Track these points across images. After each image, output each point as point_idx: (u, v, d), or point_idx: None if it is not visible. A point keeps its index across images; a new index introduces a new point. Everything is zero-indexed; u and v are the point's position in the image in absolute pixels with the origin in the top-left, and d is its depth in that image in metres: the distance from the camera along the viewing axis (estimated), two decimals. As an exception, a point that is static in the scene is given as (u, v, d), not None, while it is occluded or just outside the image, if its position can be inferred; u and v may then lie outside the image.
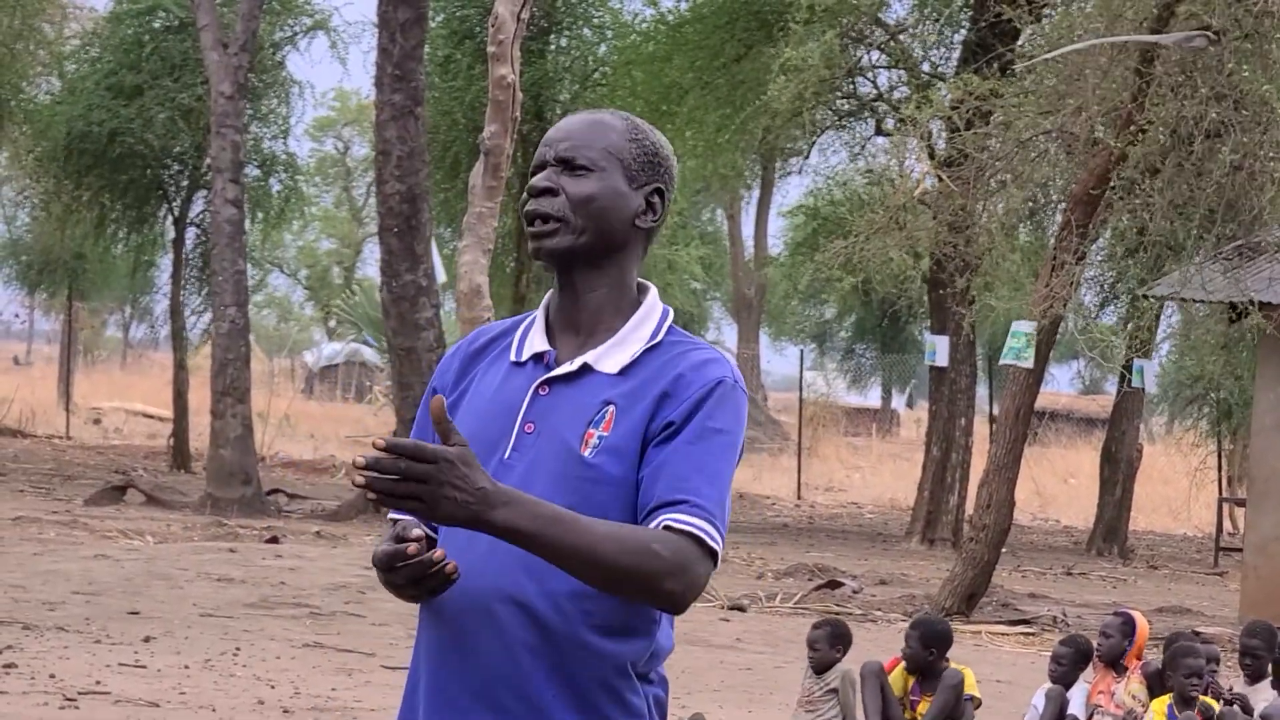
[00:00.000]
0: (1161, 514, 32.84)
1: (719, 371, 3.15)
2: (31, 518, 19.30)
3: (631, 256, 3.26)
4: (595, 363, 3.18)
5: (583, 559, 2.97)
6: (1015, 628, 15.89)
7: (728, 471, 3.12)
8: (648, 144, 3.29)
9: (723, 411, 3.12)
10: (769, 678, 12.25)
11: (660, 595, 3.04)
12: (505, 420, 3.19)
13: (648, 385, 3.14)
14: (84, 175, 28.57)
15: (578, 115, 3.31)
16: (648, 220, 3.26)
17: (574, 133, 3.26)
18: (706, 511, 3.05)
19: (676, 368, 3.15)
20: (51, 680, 10.23)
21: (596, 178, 3.23)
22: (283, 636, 12.37)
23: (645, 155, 3.28)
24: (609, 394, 3.15)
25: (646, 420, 3.12)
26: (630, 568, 2.99)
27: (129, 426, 38.64)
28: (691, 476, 3.07)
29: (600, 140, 3.25)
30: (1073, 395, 54.63)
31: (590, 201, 3.22)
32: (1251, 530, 17.14)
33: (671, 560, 3.00)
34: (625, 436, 3.12)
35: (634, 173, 3.26)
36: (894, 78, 25.90)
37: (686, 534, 3.03)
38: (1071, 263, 15.83)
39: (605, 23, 28.43)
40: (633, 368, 3.17)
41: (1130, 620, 9.60)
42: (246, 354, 23.16)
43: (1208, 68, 15.24)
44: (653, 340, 3.20)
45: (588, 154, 3.24)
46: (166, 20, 28.45)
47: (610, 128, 3.27)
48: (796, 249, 35.28)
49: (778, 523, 27.97)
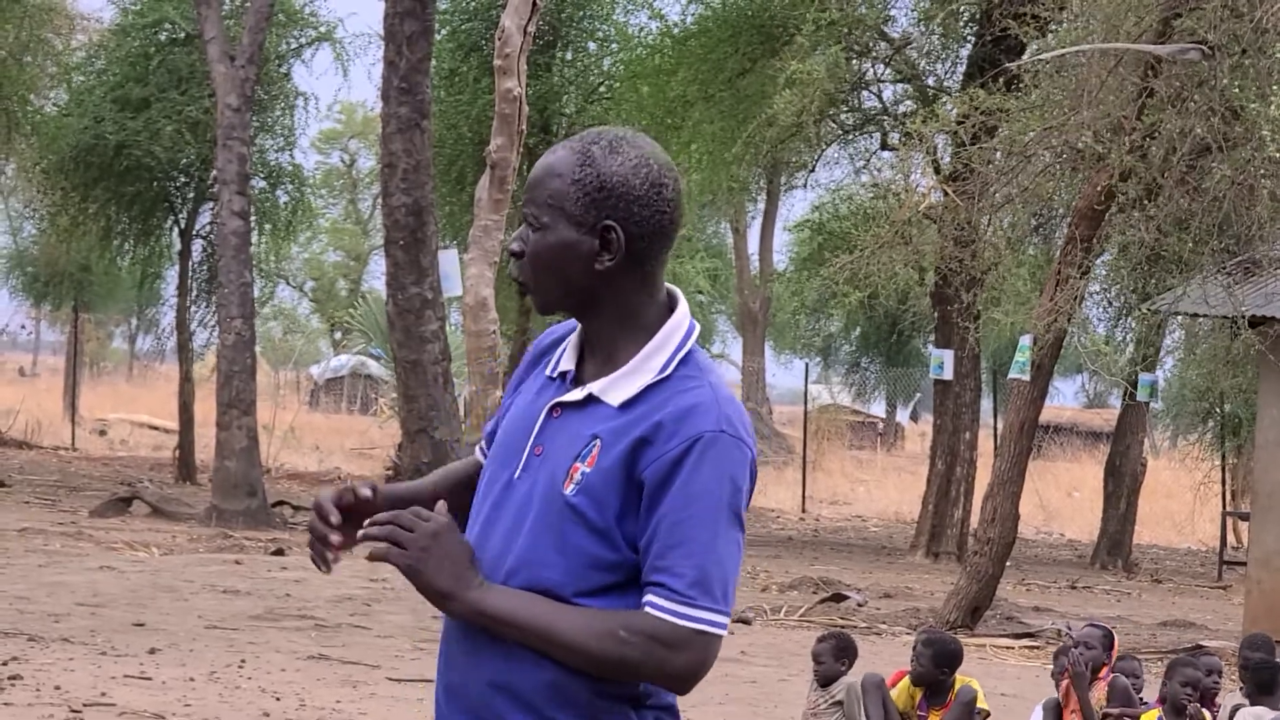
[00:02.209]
0: (1165, 528, 32.82)
1: (701, 424, 3.00)
2: (37, 529, 19.32)
3: (619, 292, 3.11)
4: (601, 393, 3.09)
5: (553, 644, 2.99)
6: (1020, 641, 15.90)
7: (714, 534, 2.98)
8: (592, 180, 3.08)
9: (701, 472, 2.98)
10: (774, 691, 12.26)
11: (643, 677, 3.02)
12: (522, 438, 3.15)
13: (633, 425, 3.02)
14: (90, 187, 28.61)
15: (547, 155, 3.16)
16: (604, 261, 3.08)
17: (531, 183, 3.13)
18: (678, 594, 2.96)
19: (661, 411, 3.02)
20: (57, 692, 10.24)
21: (542, 234, 3.10)
22: (288, 649, 12.38)
23: (588, 193, 3.08)
24: (600, 427, 3.05)
25: (625, 464, 3.01)
26: (600, 654, 2.98)
27: (134, 438, 38.67)
28: (668, 553, 2.97)
29: (544, 190, 3.10)
30: (1077, 409, 54.67)
31: (538, 260, 3.11)
32: (1255, 544, 17.14)
33: (639, 646, 2.97)
34: (603, 476, 3.02)
35: (578, 216, 3.08)
36: (899, 92, 25.94)
37: (656, 619, 2.97)
38: (1075, 277, 15.85)
39: (610, 36, 28.48)
40: (634, 403, 3.06)
41: (1109, 632, 9.58)
42: (252, 366, 23.19)
43: (1202, 83, 15.27)
44: (661, 374, 3.07)
45: (535, 210, 3.11)
46: (173, 33, 28.49)
47: (556, 173, 3.10)
48: (802, 263, 35.31)
49: (782, 536, 27.97)
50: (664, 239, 3.13)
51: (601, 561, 3.02)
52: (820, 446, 39.27)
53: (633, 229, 3.09)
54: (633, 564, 3.02)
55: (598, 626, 2.98)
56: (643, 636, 2.97)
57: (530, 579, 3.05)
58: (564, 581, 3.03)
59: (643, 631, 2.97)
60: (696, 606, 2.96)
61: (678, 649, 2.97)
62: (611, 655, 2.98)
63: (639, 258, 3.11)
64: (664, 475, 2.99)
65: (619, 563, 3.03)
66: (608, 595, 3.03)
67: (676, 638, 2.97)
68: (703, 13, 25.32)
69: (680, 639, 2.97)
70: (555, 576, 3.03)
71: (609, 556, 3.02)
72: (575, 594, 3.03)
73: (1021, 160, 17.07)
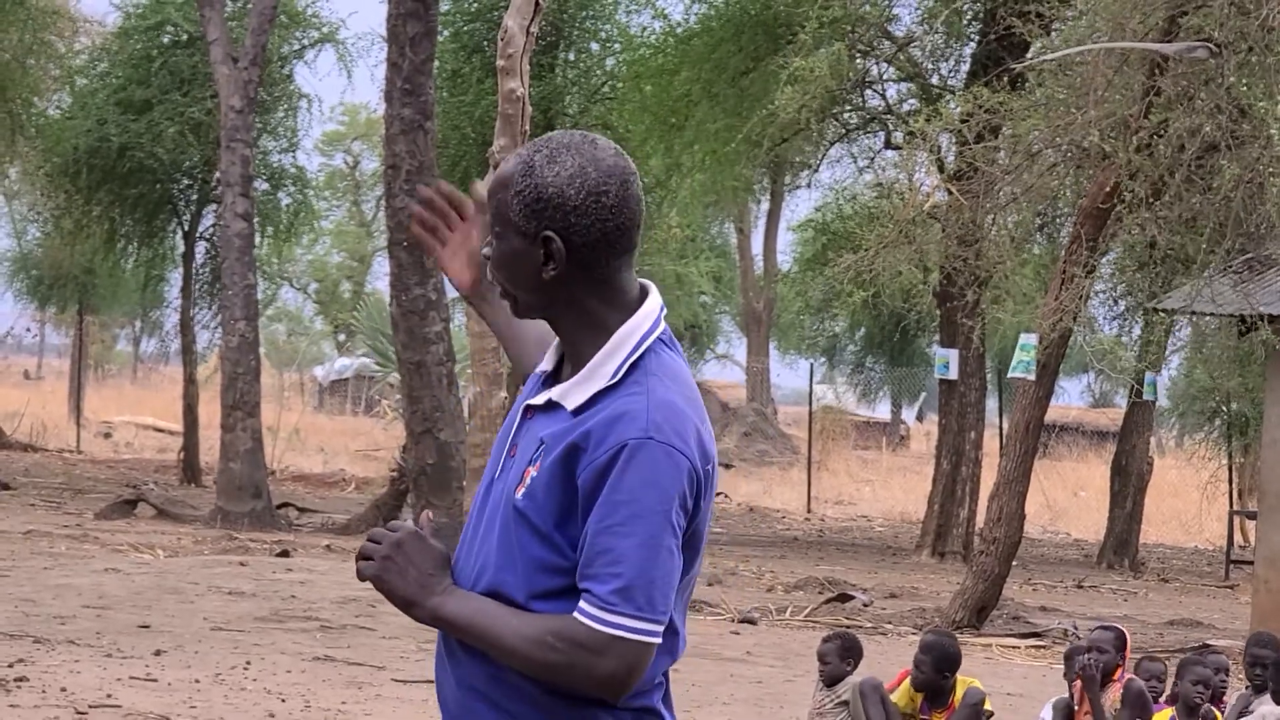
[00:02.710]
0: (1172, 527, 32.79)
1: (626, 431, 2.99)
2: (42, 532, 19.32)
3: (573, 298, 3.11)
4: (560, 399, 3.10)
5: (497, 650, 3.04)
6: (1026, 640, 15.87)
7: (639, 541, 2.96)
8: (529, 190, 3.07)
9: (627, 479, 2.97)
10: (779, 691, 12.24)
11: (574, 684, 3.03)
12: (505, 437, 3.21)
13: (571, 431, 3.04)
14: (94, 190, 28.63)
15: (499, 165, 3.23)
16: (549, 270, 3.08)
17: (488, 192, 3.17)
18: (600, 600, 2.96)
19: (594, 419, 3.02)
20: (63, 694, 10.23)
21: (497, 243, 3.14)
22: (293, 650, 12.37)
23: (527, 204, 3.08)
24: (547, 432, 3.07)
25: (563, 470, 3.03)
26: (533, 660, 3.02)
27: (139, 440, 38.69)
28: (594, 560, 2.98)
29: (494, 200, 3.14)
30: (1083, 408, 54.64)
31: (496, 269, 3.15)
32: (1262, 543, 17.11)
33: (564, 652, 2.99)
34: (541, 479, 3.04)
35: (521, 226, 3.09)
36: (903, 91, 25.92)
37: (580, 625, 2.98)
38: (1081, 276, 15.83)
39: (613, 36, 28.48)
40: (584, 409, 3.06)
41: (1121, 634, 9.49)
42: (256, 368, 23.19)
43: (1209, 81, 15.24)
44: (611, 380, 3.06)
45: (491, 218, 3.15)
46: (175, 35, 28.51)
47: (503, 183, 3.12)
48: (806, 264, 35.28)
49: (788, 536, 27.95)
50: (611, 245, 3.10)
51: (548, 565, 3.04)
52: (825, 447, 39.25)
53: (574, 238, 3.07)
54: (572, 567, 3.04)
55: (531, 632, 3.02)
56: (569, 643, 2.99)
57: (491, 583, 3.09)
58: (517, 584, 3.06)
59: (569, 638, 2.99)
60: (616, 613, 2.97)
61: (600, 654, 2.98)
62: (542, 661, 3.01)
63: (586, 264, 3.09)
64: (593, 484, 3.00)
65: (566, 567, 3.03)
66: (560, 599, 3.03)
67: (598, 643, 2.98)
68: (706, 12, 25.30)
69: (601, 644, 2.98)
70: (510, 579, 3.07)
71: (554, 560, 3.04)
72: (528, 598, 3.05)
73: (1026, 159, 17.05)
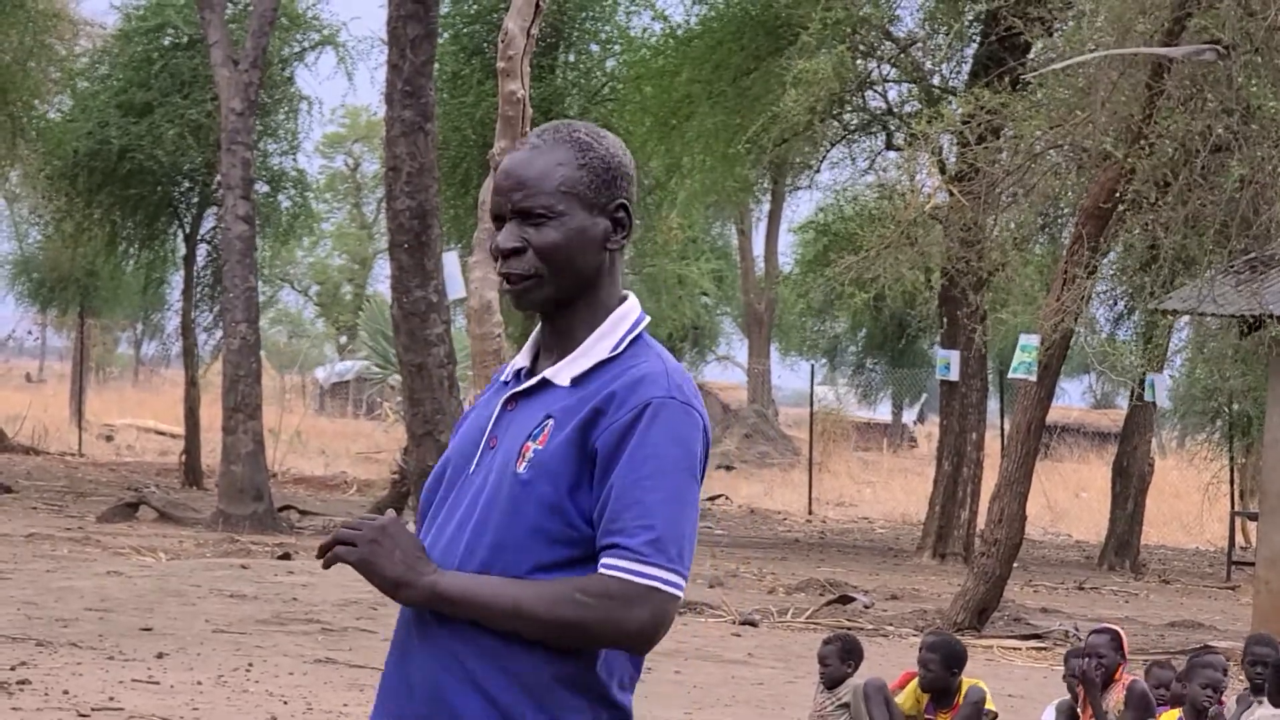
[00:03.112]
0: (1173, 528, 32.77)
1: (650, 391, 3.06)
2: (44, 534, 19.33)
3: (606, 277, 3.19)
4: (553, 376, 3.15)
5: (513, 617, 3.02)
6: (1027, 642, 15.87)
7: (667, 495, 3.02)
8: (599, 162, 3.16)
9: (653, 435, 3.03)
10: (781, 693, 12.24)
11: (597, 641, 3.05)
12: (478, 436, 3.20)
13: (584, 401, 3.09)
14: (95, 193, 28.63)
15: (522, 153, 3.16)
16: (618, 239, 3.18)
17: (525, 179, 3.14)
18: (631, 551, 2.99)
19: (612, 384, 3.08)
20: (65, 697, 10.24)
21: (557, 224, 3.13)
22: (295, 652, 12.37)
23: (600, 175, 3.16)
24: (553, 407, 3.11)
25: (579, 437, 3.06)
26: (559, 620, 3.01)
27: (141, 443, 38.69)
28: (621, 515, 3.01)
29: (551, 180, 3.14)
30: (1084, 409, 54.63)
31: (557, 251, 3.13)
32: (1264, 544, 17.10)
33: (597, 607, 3.00)
34: (556, 451, 3.07)
35: (593, 200, 3.15)
36: (904, 92, 25.91)
37: (611, 579, 3.00)
38: (1083, 277, 15.82)
39: (613, 37, 28.48)
40: (584, 380, 3.12)
41: (1116, 635, 9.43)
42: (257, 370, 23.18)
43: (1217, 81, 15.24)
44: (613, 353, 3.13)
45: (543, 200, 3.13)
46: (175, 37, 28.51)
47: (558, 161, 3.14)
48: (807, 265, 35.27)
49: (789, 538, 27.95)
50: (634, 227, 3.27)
51: (555, 536, 3.06)
52: (826, 448, 39.24)
53: (632, 206, 3.22)
54: (587, 538, 3.06)
55: (554, 593, 3.02)
56: (599, 597, 3.00)
57: (486, 561, 3.08)
58: (518, 559, 3.07)
59: (599, 592, 3.00)
60: (650, 564, 3.00)
61: (633, 606, 2.99)
62: (570, 619, 3.01)
63: (630, 234, 3.23)
64: (616, 442, 3.04)
65: (574, 538, 3.06)
66: (562, 570, 3.05)
67: (632, 594, 2.99)
68: (707, 13, 25.29)
69: (636, 595, 2.99)
70: (510, 555, 3.07)
71: (562, 531, 3.06)
72: (531, 570, 3.06)
73: (1028, 159, 17.04)
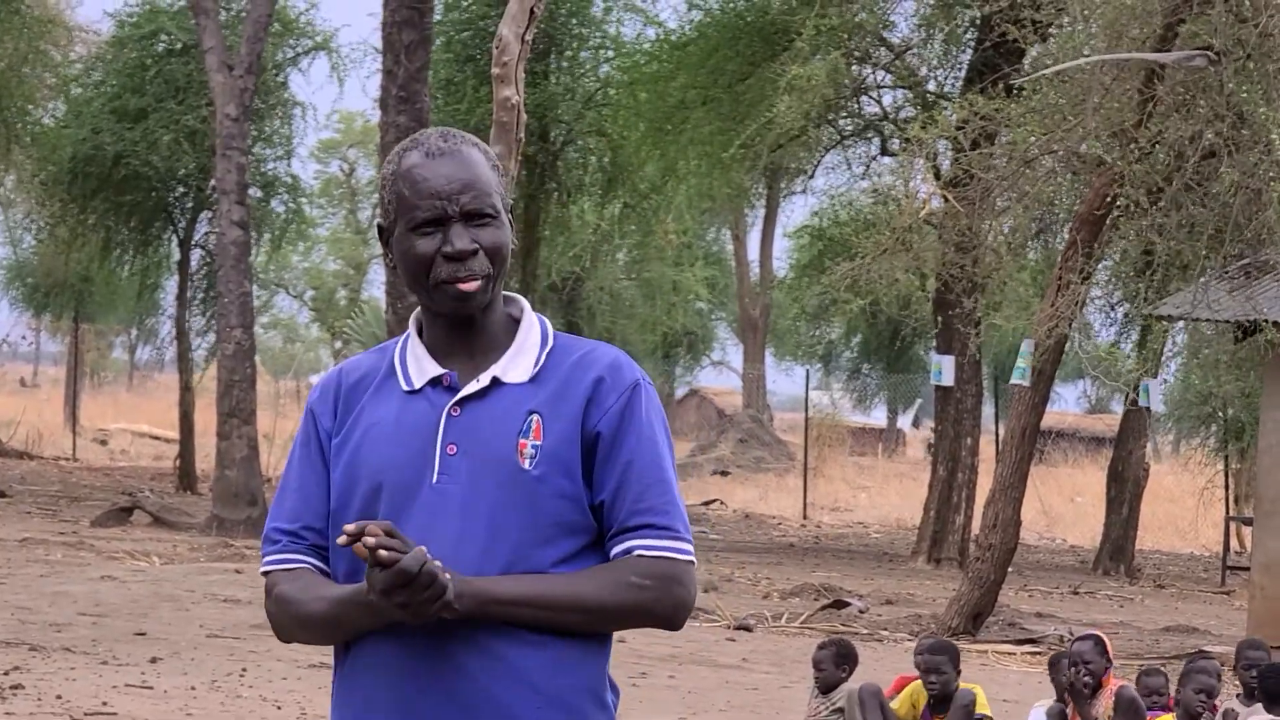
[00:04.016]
0: (1168, 533, 32.78)
1: (630, 375, 3.16)
2: (38, 539, 19.31)
3: None
4: (504, 375, 3.15)
5: (575, 609, 3.06)
6: (1022, 647, 15.87)
7: (670, 466, 3.16)
8: (496, 160, 3.22)
9: (646, 417, 3.15)
10: (775, 698, 12.23)
11: (653, 620, 3.13)
12: (420, 445, 3.13)
13: (567, 389, 3.13)
14: (89, 198, 28.62)
15: (446, 158, 3.15)
16: (514, 240, 3.23)
17: (468, 181, 3.14)
18: (668, 530, 3.11)
19: (591, 371, 3.14)
20: (58, 701, 10.23)
21: (498, 224, 3.16)
22: (288, 657, 12.36)
23: (500, 175, 3.22)
24: (530, 403, 3.12)
25: (579, 426, 3.12)
26: (619, 605, 3.09)
27: (135, 448, 38.65)
28: (645, 494, 3.11)
29: (490, 182, 3.17)
30: (1079, 414, 54.61)
31: (502, 251, 3.16)
32: (1258, 549, 17.11)
33: (655, 587, 3.09)
34: (560, 443, 3.11)
35: (507, 203, 3.21)
36: (899, 97, 25.92)
37: (660, 559, 3.10)
38: (1077, 282, 15.83)
39: (606, 43, 28.48)
40: (541, 374, 3.15)
41: (1100, 640, 9.40)
42: (252, 375, 23.18)
43: (1208, 88, 15.25)
44: (545, 345, 3.18)
45: (490, 201, 3.16)
46: (169, 43, 28.50)
47: (481, 163, 3.18)
48: (802, 270, 35.27)
49: (784, 543, 27.94)
50: None
51: (574, 526, 3.11)
52: (821, 453, 39.23)
53: None
54: (593, 526, 3.13)
55: (609, 580, 3.09)
56: (655, 578, 3.09)
57: (509, 562, 3.08)
58: (543, 555, 3.09)
59: (653, 574, 3.09)
60: (682, 540, 3.13)
61: (682, 582, 3.12)
62: (631, 603, 3.09)
63: None
64: (616, 425, 3.12)
65: (587, 526, 3.12)
66: (577, 559, 3.11)
67: (680, 572, 3.12)
68: (702, 19, 25.30)
69: (683, 572, 3.12)
70: (535, 552, 3.08)
71: (580, 520, 3.11)
72: (555, 564, 3.10)
73: (1023, 165, 17.05)
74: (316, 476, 3.21)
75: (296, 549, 3.19)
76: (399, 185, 3.16)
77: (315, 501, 3.20)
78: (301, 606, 3.13)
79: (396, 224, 3.17)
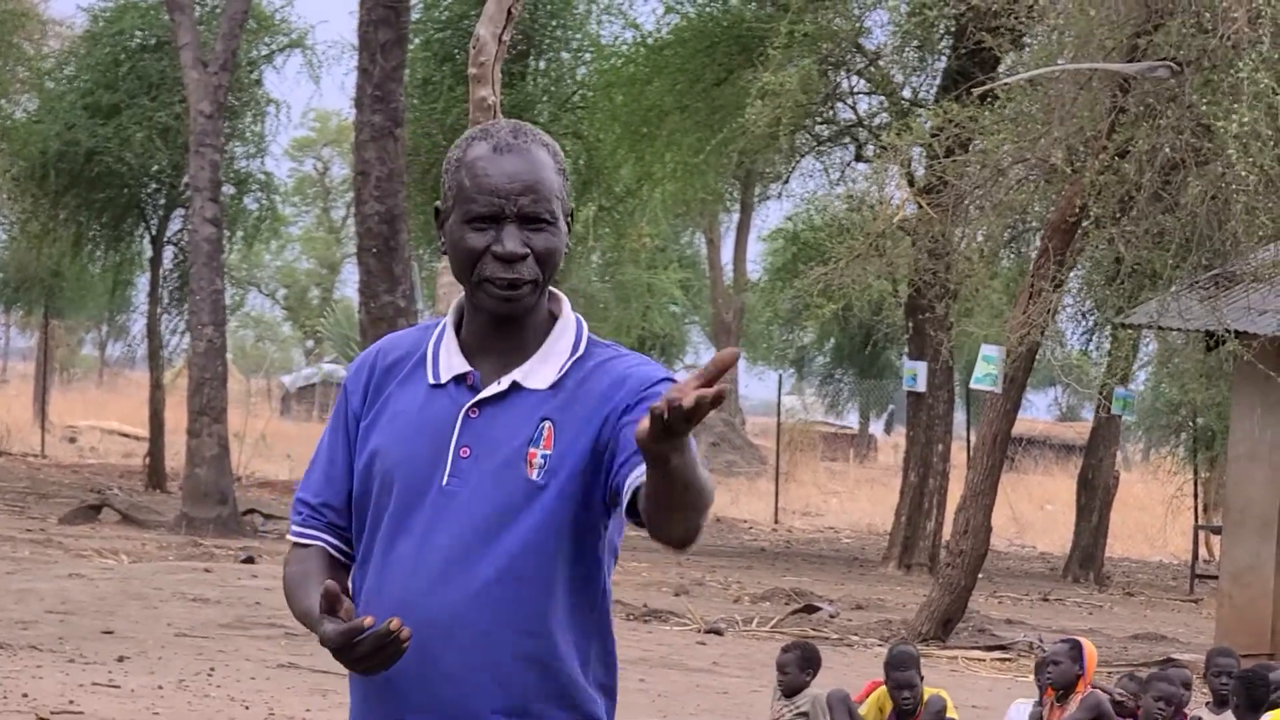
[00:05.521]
0: (1138, 541, 32.87)
1: (654, 372, 3.11)
2: (5, 536, 19.23)
3: None
4: (524, 380, 3.12)
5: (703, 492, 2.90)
6: (991, 653, 15.90)
7: None
8: (564, 167, 3.17)
9: None
10: (745, 701, 12.23)
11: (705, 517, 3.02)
12: (436, 443, 3.13)
13: (585, 396, 3.09)
14: (61, 194, 28.51)
15: (512, 155, 3.10)
16: (569, 242, 3.19)
17: (530, 184, 3.09)
18: None
19: (613, 373, 3.10)
20: (24, 700, 10.18)
21: (553, 230, 3.11)
22: (257, 657, 12.32)
23: (565, 179, 3.16)
24: (544, 410, 3.09)
25: (596, 429, 3.08)
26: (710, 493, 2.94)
27: (104, 445, 38.53)
28: None
29: (552, 186, 3.11)
30: (1050, 422, 54.73)
31: (553, 258, 3.12)
32: (1227, 558, 17.16)
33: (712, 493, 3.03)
34: (567, 451, 3.08)
35: (566, 203, 3.15)
36: (874, 104, 25.95)
37: None
38: (1049, 290, 15.87)
39: (584, 45, 28.47)
40: (562, 381, 3.11)
41: (1077, 645, 9.50)
42: (223, 373, 23.11)
43: (1173, 99, 15.28)
44: (575, 353, 3.14)
45: (549, 207, 3.11)
46: (143, 39, 28.41)
47: (548, 165, 3.12)
48: (776, 274, 35.28)
49: (755, 547, 27.95)
50: None
51: (583, 528, 3.10)
52: (793, 458, 39.25)
53: None
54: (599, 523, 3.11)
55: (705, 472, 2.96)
56: None
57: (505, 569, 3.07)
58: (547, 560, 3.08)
59: None
60: None
61: None
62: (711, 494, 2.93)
63: None
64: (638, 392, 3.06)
65: (593, 524, 3.11)
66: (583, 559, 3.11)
67: None
68: (679, 23, 25.30)
69: None
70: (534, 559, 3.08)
71: (587, 520, 3.10)
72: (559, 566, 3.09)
73: (995, 173, 17.09)
74: (342, 456, 3.24)
75: (315, 525, 3.25)
76: (460, 174, 3.13)
77: (338, 481, 3.24)
78: (291, 597, 3.20)
79: (453, 211, 3.14)
